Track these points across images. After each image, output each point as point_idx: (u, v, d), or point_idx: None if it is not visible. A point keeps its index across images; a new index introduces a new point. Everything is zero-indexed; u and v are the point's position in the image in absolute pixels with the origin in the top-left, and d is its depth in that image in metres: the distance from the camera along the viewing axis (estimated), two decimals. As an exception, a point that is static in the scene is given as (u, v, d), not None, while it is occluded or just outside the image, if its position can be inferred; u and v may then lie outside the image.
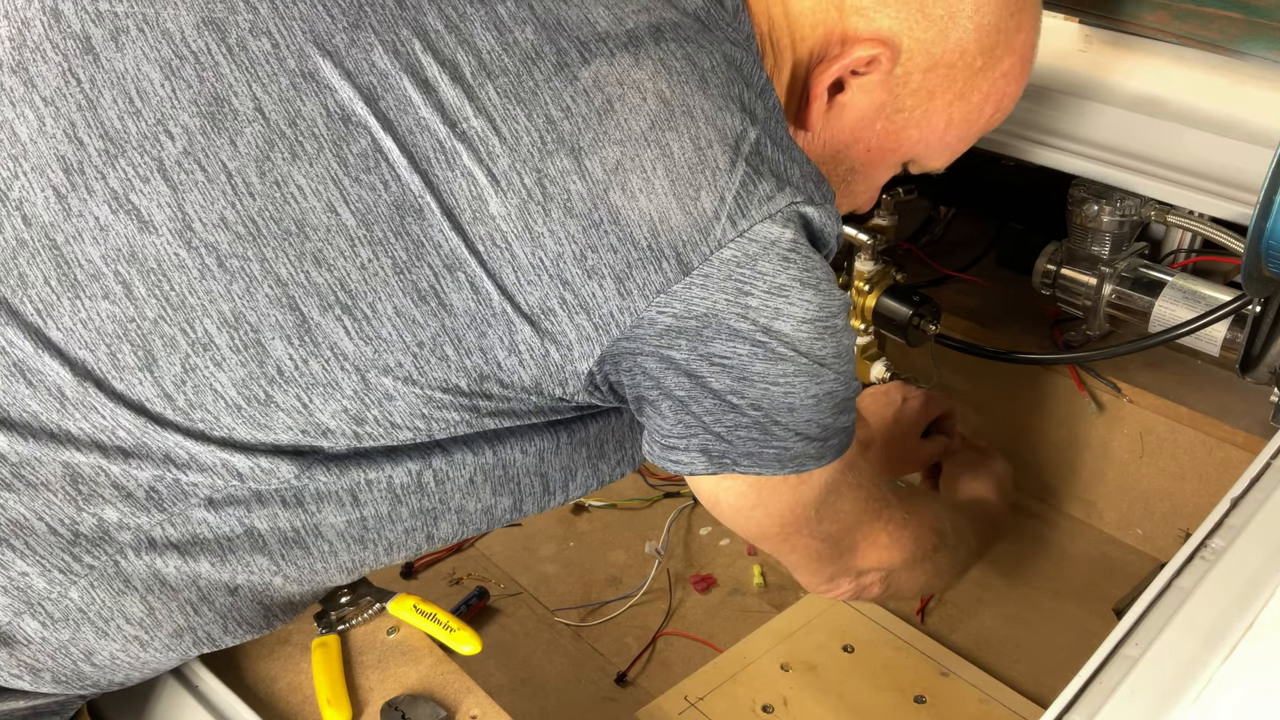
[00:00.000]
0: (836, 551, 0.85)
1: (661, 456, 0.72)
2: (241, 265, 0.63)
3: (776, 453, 0.71)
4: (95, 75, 0.65)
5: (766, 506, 0.76)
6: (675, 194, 0.63)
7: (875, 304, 1.21)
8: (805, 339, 0.66)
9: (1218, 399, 1.17)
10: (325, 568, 0.72)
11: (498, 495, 0.75)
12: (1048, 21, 0.82)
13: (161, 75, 0.65)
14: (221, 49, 0.65)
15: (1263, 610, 0.64)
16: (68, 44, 0.66)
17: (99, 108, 0.65)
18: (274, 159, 0.63)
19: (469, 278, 0.64)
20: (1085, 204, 1.10)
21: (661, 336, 0.65)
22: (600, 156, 0.63)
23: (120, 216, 0.64)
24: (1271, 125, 0.95)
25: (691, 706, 1.08)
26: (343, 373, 0.65)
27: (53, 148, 0.65)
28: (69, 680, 0.69)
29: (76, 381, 0.64)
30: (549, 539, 1.32)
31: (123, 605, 0.67)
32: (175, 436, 0.65)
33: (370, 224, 0.63)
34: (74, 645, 0.68)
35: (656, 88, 0.64)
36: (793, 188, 0.65)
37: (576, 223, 0.63)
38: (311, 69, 0.64)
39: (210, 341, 0.64)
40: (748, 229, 0.63)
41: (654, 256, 0.63)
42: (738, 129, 0.65)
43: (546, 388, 0.68)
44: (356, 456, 0.68)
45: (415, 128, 0.63)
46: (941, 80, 0.76)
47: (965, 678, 1.11)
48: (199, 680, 0.77)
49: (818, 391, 0.69)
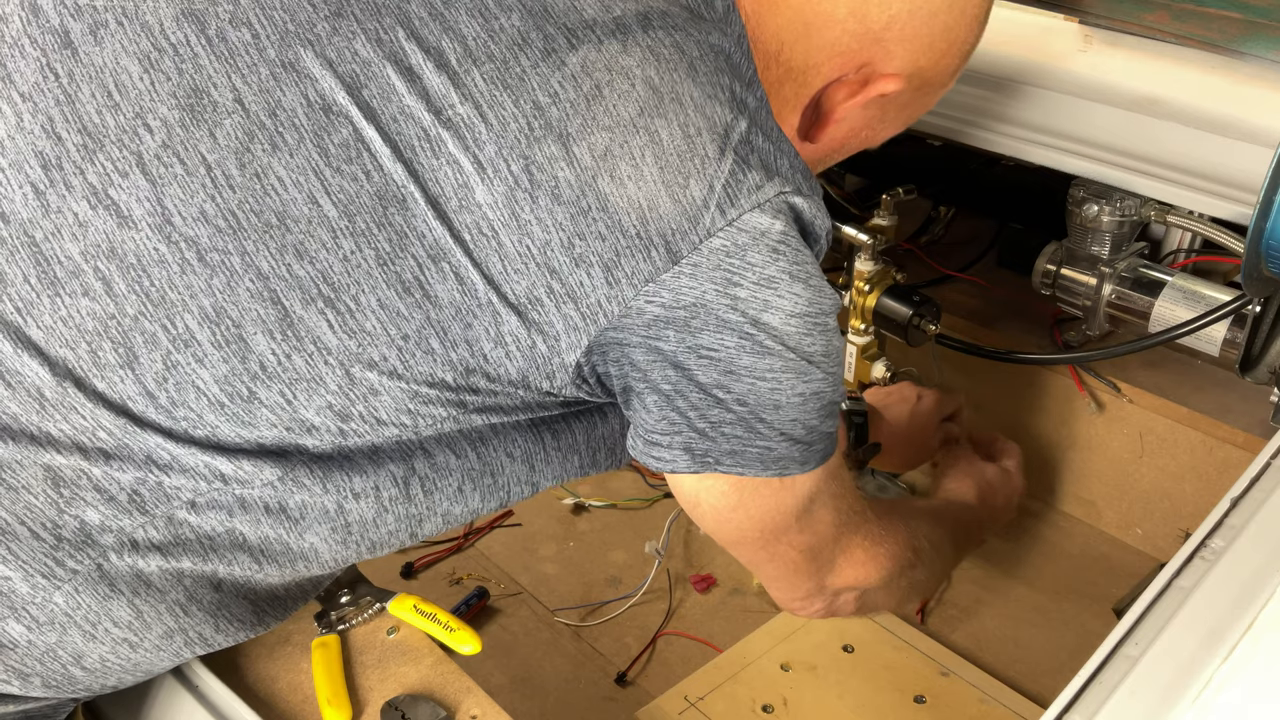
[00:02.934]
0: (814, 566, 0.82)
1: (644, 452, 0.71)
2: (222, 259, 0.62)
3: (760, 453, 0.70)
4: (74, 70, 0.64)
5: (747, 509, 0.74)
6: (664, 181, 0.62)
7: (875, 304, 1.21)
8: (794, 333, 0.66)
9: (1218, 399, 1.17)
10: (308, 567, 0.72)
11: (485, 500, 0.75)
12: (1048, 21, 0.82)
13: (140, 68, 0.64)
14: (201, 40, 0.64)
15: (1263, 610, 0.64)
16: (46, 39, 0.65)
17: (77, 102, 0.64)
18: (254, 150, 0.62)
19: (454, 268, 0.63)
20: (1085, 204, 1.10)
21: (650, 327, 0.64)
22: (589, 143, 0.62)
23: (99, 212, 0.63)
24: (1271, 125, 0.95)
25: (691, 706, 1.08)
26: (326, 367, 0.64)
27: (30, 143, 0.64)
28: (59, 684, 0.68)
29: (56, 381, 0.63)
30: (549, 539, 1.32)
31: (109, 609, 0.66)
32: (156, 437, 0.64)
33: (352, 215, 0.62)
34: (61, 649, 0.67)
35: (645, 74, 0.63)
36: (781, 178, 0.65)
37: (564, 210, 0.62)
38: (292, 59, 0.63)
39: (191, 338, 0.63)
40: (737, 218, 0.63)
41: (643, 245, 0.62)
42: (727, 118, 0.64)
43: (534, 381, 0.67)
44: (340, 459, 0.67)
45: (399, 116, 0.63)
46: (922, 94, 0.80)
47: (965, 678, 1.11)
48: (199, 680, 0.77)
49: (805, 390, 0.68)
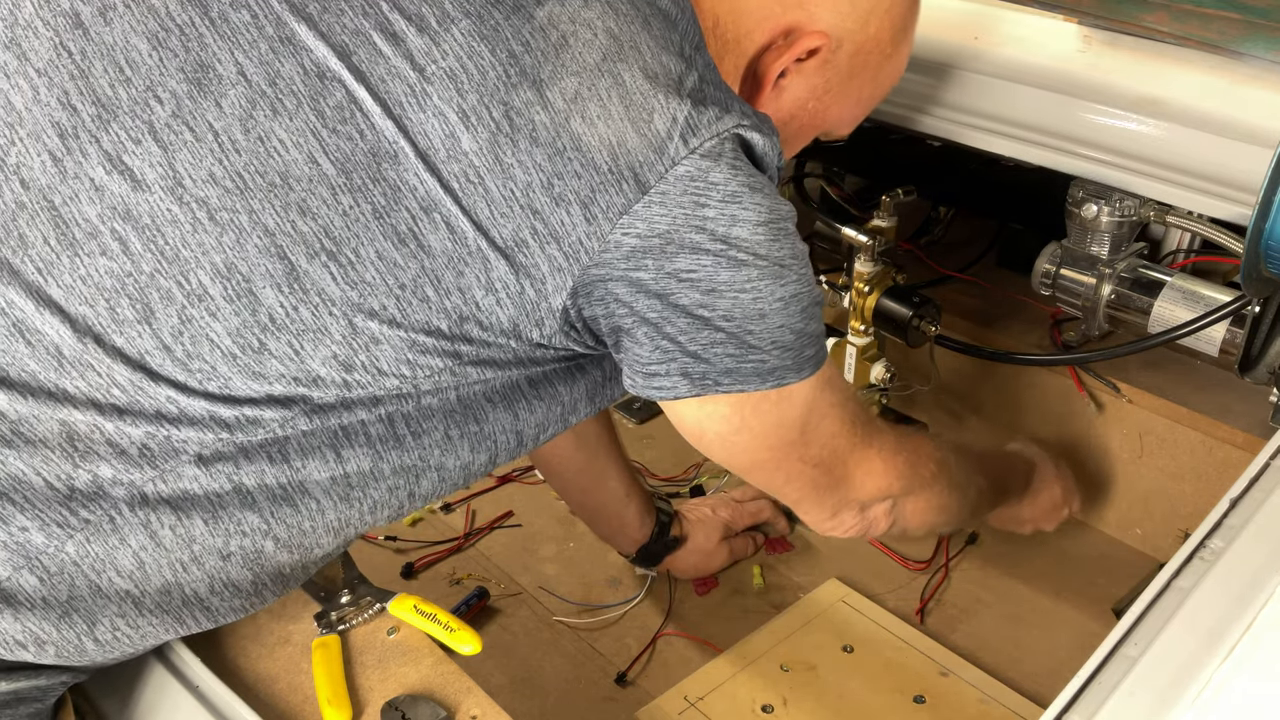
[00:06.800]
0: (831, 480, 0.86)
1: (644, 386, 0.74)
2: (231, 218, 0.66)
3: (755, 366, 0.73)
4: (86, 48, 0.69)
5: (751, 428, 0.77)
6: (630, 119, 0.67)
7: (875, 305, 1.21)
8: (763, 241, 0.70)
9: (1217, 399, 1.17)
10: (314, 527, 0.73)
11: (475, 452, 0.77)
12: (1048, 22, 0.82)
13: (149, 46, 0.68)
14: (205, 22, 0.69)
15: (1262, 610, 0.64)
16: (58, 20, 0.69)
17: (91, 76, 0.68)
18: (256, 117, 0.67)
19: (445, 218, 0.67)
20: (1085, 204, 1.10)
21: (628, 259, 0.68)
22: (560, 87, 0.67)
23: (114, 177, 0.67)
24: (1271, 125, 0.95)
25: (691, 706, 1.08)
26: (331, 318, 0.67)
27: (48, 115, 0.68)
28: (70, 654, 0.70)
29: (76, 338, 0.67)
30: (549, 539, 1.32)
31: (115, 557, 0.69)
32: (168, 390, 0.67)
33: (349, 172, 0.67)
34: (74, 609, 0.69)
35: (605, 25, 0.69)
36: (737, 115, 0.70)
37: (542, 151, 0.66)
38: (289, 34, 0.68)
39: (205, 292, 0.67)
40: (699, 146, 0.67)
41: (615, 179, 0.66)
42: (680, 69, 0.70)
43: (524, 330, 0.70)
44: (341, 409, 0.70)
45: (387, 76, 0.67)
46: (861, 65, 0.84)
47: (965, 678, 1.11)
48: (199, 680, 0.77)
49: (783, 294, 0.72)
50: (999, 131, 1.08)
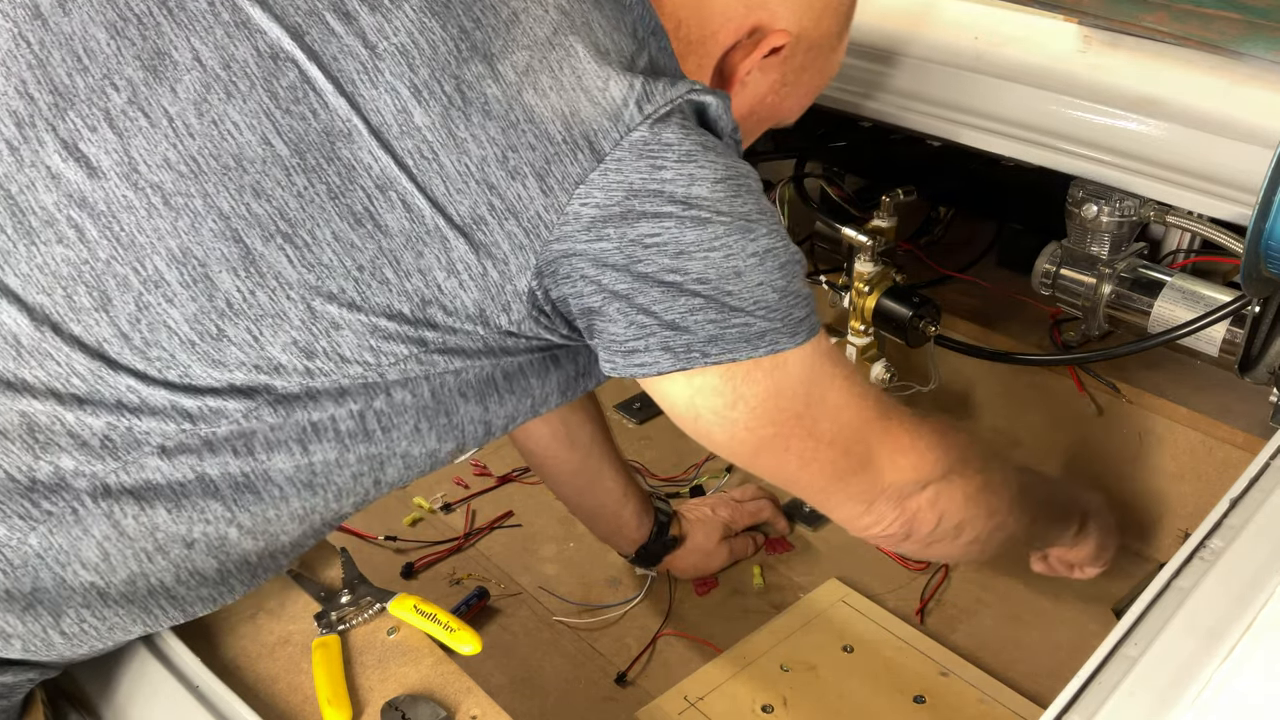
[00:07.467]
0: (853, 462, 0.79)
1: (625, 365, 0.71)
2: (186, 202, 0.66)
3: (740, 330, 0.69)
4: (44, 38, 0.69)
5: (747, 401, 0.72)
6: (583, 89, 0.67)
7: (875, 305, 1.21)
8: (724, 198, 0.68)
9: (1217, 399, 1.17)
10: (278, 515, 0.73)
11: (442, 441, 0.76)
12: (1048, 22, 0.82)
13: (107, 35, 0.69)
14: (162, 11, 0.69)
15: (1262, 610, 0.64)
16: (17, 12, 0.70)
17: (48, 66, 0.69)
18: (210, 100, 0.67)
19: (400, 195, 0.66)
20: (1085, 204, 1.10)
21: (589, 230, 0.67)
22: (511, 61, 0.67)
23: (70, 164, 0.67)
24: (1271, 125, 0.95)
25: (691, 706, 1.08)
26: (289, 302, 0.67)
27: (4, 104, 0.68)
28: (38, 649, 0.70)
29: (34, 327, 0.66)
30: (549, 539, 1.32)
31: (79, 549, 0.68)
32: (129, 379, 0.67)
33: (303, 152, 0.66)
34: (38, 601, 0.68)
35: (556, 3, 0.70)
36: (689, 84, 0.70)
37: (495, 124, 0.66)
38: (244, 18, 0.68)
39: (161, 278, 0.66)
40: (653, 112, 0.67)
41: (569, 148, 0.66)
42: (631, 48, 0.71)
43: (491, 315, 0.69)
44: (306, 399, 0.69)
45: (339, 55, 0.67)
46: (813, 59, 0.85)
47: (965, 678, 1.11)
48: (200, 681, 0.77)
49: (756, 249, 0.69)
50: (999, 131, 1.08)
